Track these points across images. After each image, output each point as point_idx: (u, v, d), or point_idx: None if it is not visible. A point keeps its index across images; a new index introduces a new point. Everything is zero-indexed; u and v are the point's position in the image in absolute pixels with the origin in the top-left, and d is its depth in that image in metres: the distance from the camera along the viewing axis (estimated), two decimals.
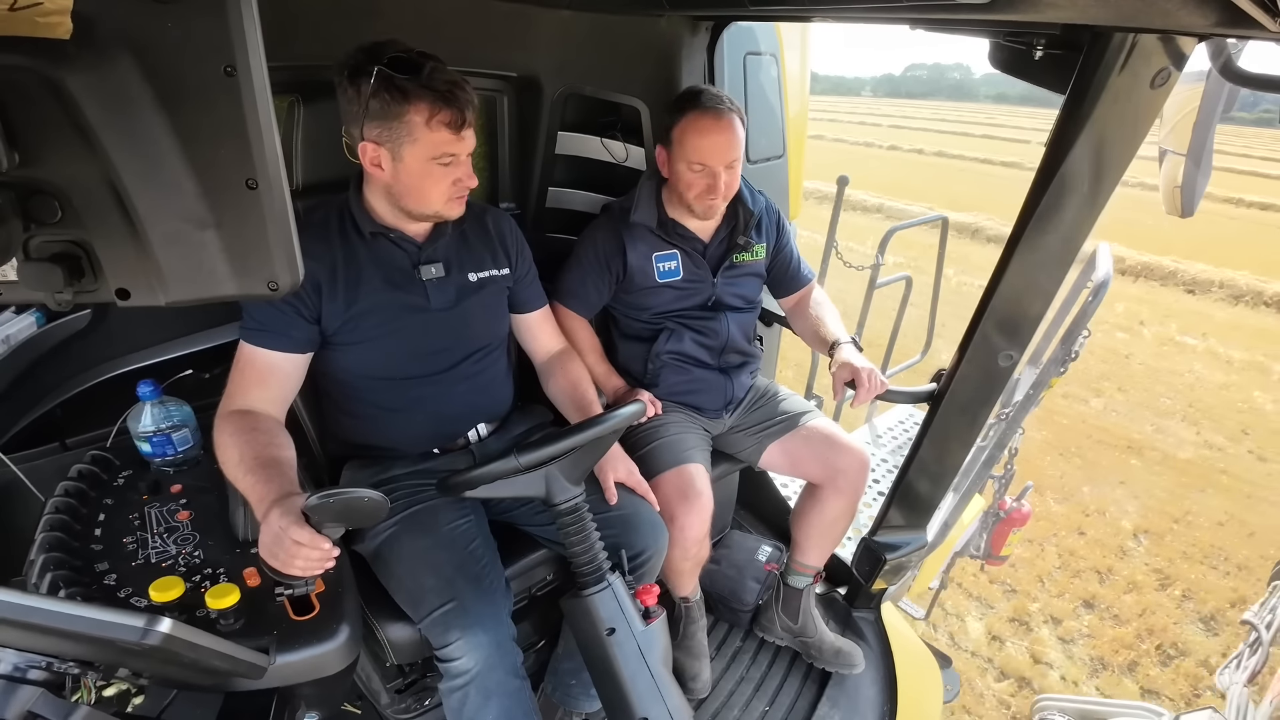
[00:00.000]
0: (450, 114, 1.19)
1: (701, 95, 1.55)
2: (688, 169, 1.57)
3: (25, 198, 0.60)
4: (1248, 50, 1.04)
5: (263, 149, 0.62)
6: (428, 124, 1.19)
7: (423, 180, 1.25)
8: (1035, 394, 1.84)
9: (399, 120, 1.18)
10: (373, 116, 1.17)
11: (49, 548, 1.05)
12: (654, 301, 1.73)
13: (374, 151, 1.21)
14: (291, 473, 1.12)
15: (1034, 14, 0.94)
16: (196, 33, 0.56)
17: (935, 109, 58.54)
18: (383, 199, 1.31)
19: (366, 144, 1.21)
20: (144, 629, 0.69)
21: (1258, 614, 1.99)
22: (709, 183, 1.57)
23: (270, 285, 0.68)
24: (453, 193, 1.29)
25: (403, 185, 1.26)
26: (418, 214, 1.32)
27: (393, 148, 1.21)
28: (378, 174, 1.25)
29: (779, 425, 1.80)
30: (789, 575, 1.85)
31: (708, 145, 1.53)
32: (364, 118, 1.17)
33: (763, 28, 2.23)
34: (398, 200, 1.29)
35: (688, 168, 1.57)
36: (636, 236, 1.68)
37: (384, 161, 1.22)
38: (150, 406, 1.26)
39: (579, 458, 1.28)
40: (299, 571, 0.98)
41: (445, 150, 1.22)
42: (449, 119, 1.19)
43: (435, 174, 1.25)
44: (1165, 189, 1.35)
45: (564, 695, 1.57)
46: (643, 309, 1.75)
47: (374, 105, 1.16)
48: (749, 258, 1.77)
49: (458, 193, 1.30)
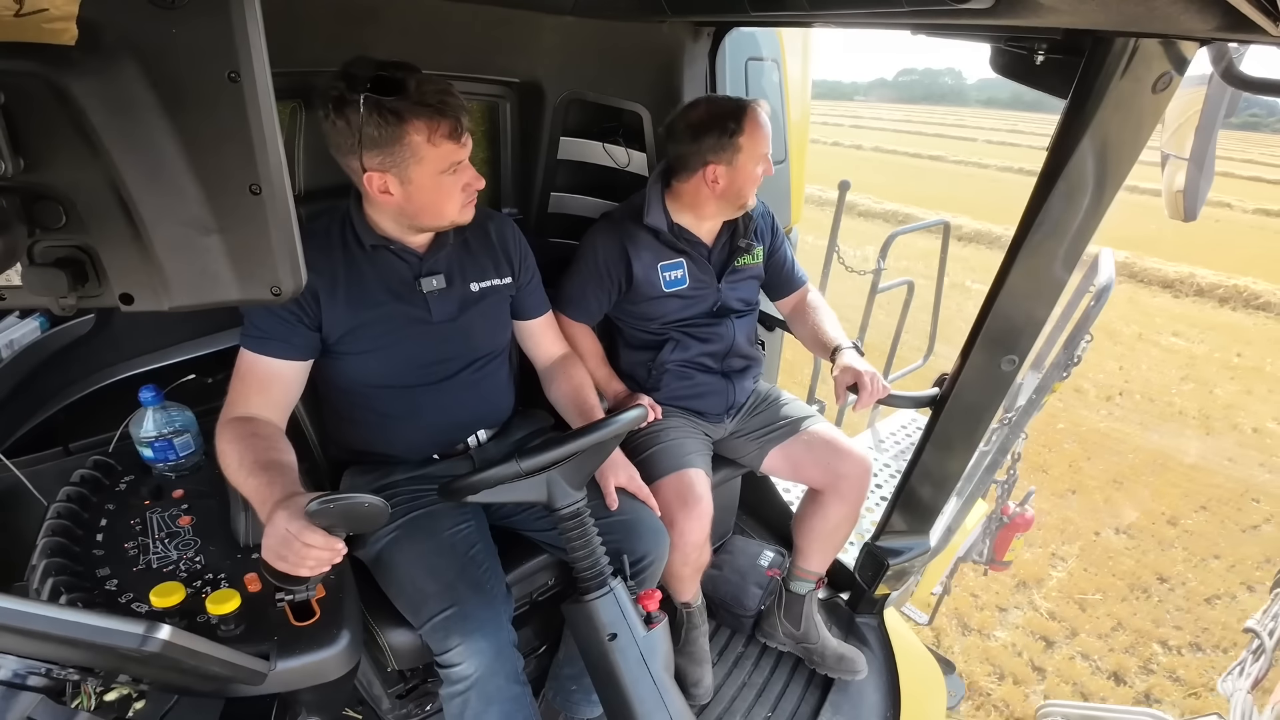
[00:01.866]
0: (449, 124, 1.17)
1: (741, 101, 1.59)
2: (756, 165, 1.60)
3: (29, 203, 0.60)
4: (1249, 54, 1.05)
5: (266, 154, 0.62)
6: (429, 140, 1.16)
7: (436, 195, 1.23)
8: (1038, 399, 1.84)
9: (399, 144, 1.15)
10: (370, 145, 1.14)
11: (51, 553, 1.05)
12: (660, 311, 1.73)
13: (380, 179, 1.19)
14: (294, 475, 1.11)
15: (1035, 19, 0.94)
16: (201, 38, 0.56)
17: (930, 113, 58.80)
18: (389, 216, 1.30)
19: (371, 174, 1.18)
20: (144, 635, 0.69)
21: (1260, 621, 1.98)
22: (764, 167, 1.61)
23: (273, 290, 0.68)
24: (464, 199, 1.28)
25: (416, 205, 1.24)
26: (432, 227, 1.32)
27: (399, 171, 1.18)
28: (387, 200, 1.22)
29: (781, 430, 1.80)
30: (791, 581, 1.85)
31: (762, 131, 1.58)
32: (361, 148, 1.14)
33: (764, 33, 2.24)
34: (412, 219, 1.28)
35: (757, 163, 1.60)
36: (641, 245, 1.67)
37: (392, 187, 1.20)
38: (152, 411, 1.27)
39: (580, 462, 1.28)
40: (308, 572, 0.97)
41: (452, 161, 1.21)
42: (449, 130, 1.17)
43: (446, 186, 1.23)
44: (1167, 193, 1.35)
45: (565, 701, 1.56)
46: (649, 319, 1.75)
47: (369, 134, 1.13)
48: (750, 260, 1.78)
49: (468, 198, 1.29)
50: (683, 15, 1.67)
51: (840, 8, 1.27)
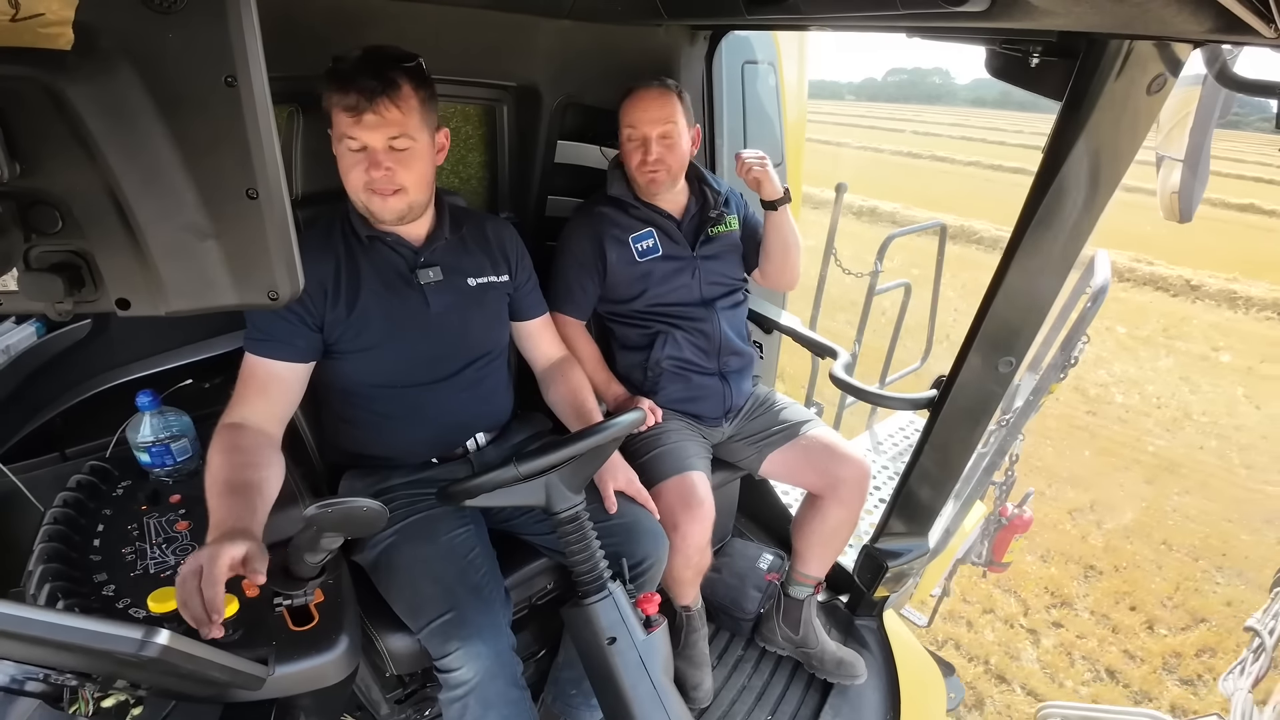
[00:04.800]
0: (350, 97, 1.19)
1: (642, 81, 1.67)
2: (626, 141, 1.69)
3: (26, 208, 0.60)
4: (1243, 56, 1.05)
5: (263, 159, 0.62)
6: (333, 107, 1.23)
7: (341, 164, 1.28)
8: (1035, 400, 1.84)
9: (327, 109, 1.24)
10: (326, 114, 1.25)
11: (47, 558, 1.04)
12: (640, 288, 1.74)
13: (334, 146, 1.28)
14: (258, 501, 1.07)
15: (1030, 21, 0.94)
16: (197, 43, 0.56)
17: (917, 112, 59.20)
18: None
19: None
20: (141, 640, 0.68)
21: (1261, 620, 1.98)
22: (642, 153, 1.65)
23: (270, 295, 0.68)
24: (367, 184, 1.26)
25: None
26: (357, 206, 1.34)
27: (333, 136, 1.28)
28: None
29: (779, 434, 1.80)
30: (790, 586, 1.84)
31: (637, 108, 1.65)
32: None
33: (760, 36, 2.24)
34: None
35: (626, 139, 1.68)
36: (611, 222, 1.72)
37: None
38: (149, 417, 1.26)
39: (579, 466, 1.27)
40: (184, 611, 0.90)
41: (344, 133, 1.23)
42: (349, 102, 1.20)
43: (346, 159, 1.26)
44: (1163, 194, 1.35)
45: (565, 705, 1.56)
46: (631, 300, 1.75)
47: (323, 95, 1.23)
48: (724, 229, 1.82)
49: (374, 187, 1.27)
50: (679, 19, 1.68)
51: (836, 11, 1.27)
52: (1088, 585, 3.51)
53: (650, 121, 1.63)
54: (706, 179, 1.81)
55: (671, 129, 1.65)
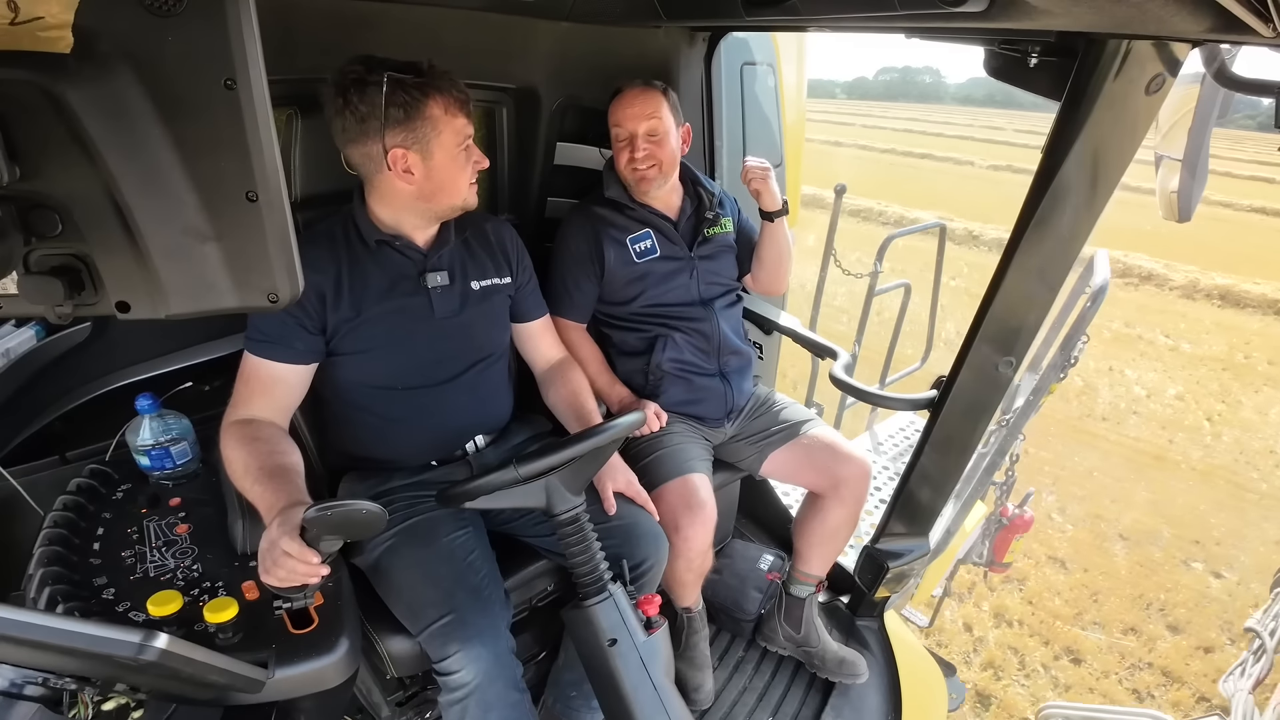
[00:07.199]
0: (459, 99, 1.25)
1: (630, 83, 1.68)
2: (615, 140, 1.69)
3: (26, 211, 0.60)
4: (1241, 55, 1.05)
5: (263, 161, 0.62)
6: (447, 113, 1.24)
7: (453, 170, 1.29)
8: (1035, 400, 1.84)
9: (421, 119, 1.21)
10: (394, 123, 1.19)
11: (47, 562, 1.04)
12: (638, 289, 1.74)
13: (403, 158, 1.23)
14: (298, 480, 1.12)
15: (1029, 22, 0.94)
16: (197, 46, 0.56)
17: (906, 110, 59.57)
18: (403, 203, 1.32)
19: (395, 152, 1.22)
20: (141, 644, 0.68)
21: (1261, 621, 1.98)
22: (629, 151, 1.66)
23: (270, 297, 0.68)
24: (473, 177, 1.34)
25: (435, 183, 1.28)
26: (446, 210, 1.35)
27: (421, 147, 1.23)
28: (407, 180, 1.26)
29: (780, 434, 1.80)
30: (791, 585, 1.84)
31: (621, 106, 1.66)
32: (385, 127, 1.19)
33: (759, 38, 2.25)
34: (429, 200, 1.31)
35: (615, 138, 1.69)
36: (608, 223, 1.73)
37: (414, 165, 1.25)
38: (149, 420, 1.26)
39: (579, 467, 1.27)
40: (277, 582, 0.97)
41: (465, 134, 1.28)
42: (460, 104, 1.25)
43: (461, 160, 1.30)
44: (1162, 194, 1.35)
45: (565, 707, 1.55)
46: (629, 301, 1.75)
47: (394, 112, 1.18)
48: (719, 230, 1.83)
49: (474, 176, 1.35)
50: (678, 20, 1.68)
51: (834, 12, 1.27)
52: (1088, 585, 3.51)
53: (634, 118, 1.64)
54: (700, 180, 1.81)
55: (658, 124, 1.65)
